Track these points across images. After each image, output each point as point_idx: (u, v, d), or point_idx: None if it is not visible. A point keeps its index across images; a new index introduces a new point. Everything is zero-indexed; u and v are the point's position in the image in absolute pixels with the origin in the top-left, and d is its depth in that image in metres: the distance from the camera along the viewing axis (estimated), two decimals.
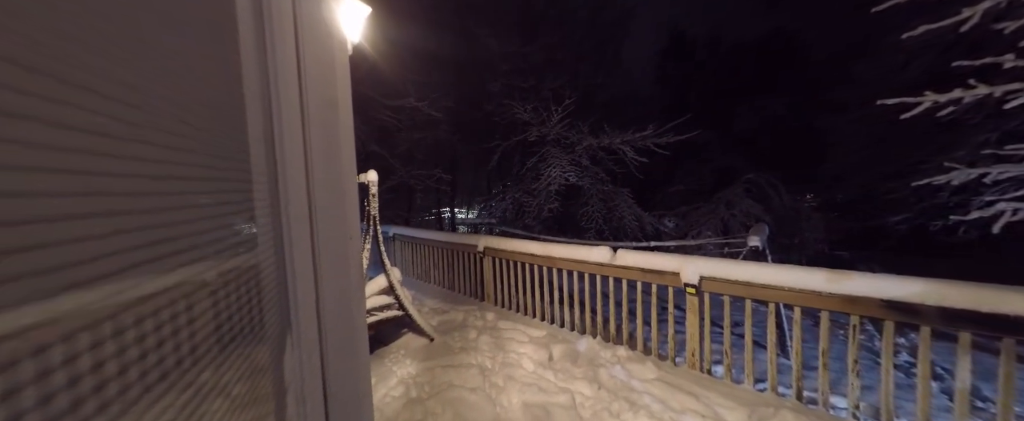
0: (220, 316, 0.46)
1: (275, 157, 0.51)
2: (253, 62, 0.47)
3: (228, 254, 0.49)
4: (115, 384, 0.32)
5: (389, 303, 2.85)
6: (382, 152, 9.27)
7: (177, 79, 0.43)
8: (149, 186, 0.37)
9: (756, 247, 3.99)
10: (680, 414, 1.90)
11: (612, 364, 2.38)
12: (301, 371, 0.50)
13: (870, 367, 3.64)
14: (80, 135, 0.29)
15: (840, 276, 1.73)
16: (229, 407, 0.44)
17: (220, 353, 0.45)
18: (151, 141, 0.37)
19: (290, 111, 0.56)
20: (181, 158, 0.41)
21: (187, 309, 0.41)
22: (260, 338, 0.54)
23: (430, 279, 4.59)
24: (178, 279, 0.40)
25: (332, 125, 0.64)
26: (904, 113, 2.75)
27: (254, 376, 0.48)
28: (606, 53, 12.17)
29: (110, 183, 0.32)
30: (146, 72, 0.37)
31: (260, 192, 0.56)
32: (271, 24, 0.48)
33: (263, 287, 0.56)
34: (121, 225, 0.33)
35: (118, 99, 0.33)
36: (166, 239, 0.39)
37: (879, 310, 1.63)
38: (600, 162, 8.87)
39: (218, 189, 0.48)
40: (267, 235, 0.59)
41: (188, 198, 0.43)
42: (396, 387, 2.22)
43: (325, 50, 0.59)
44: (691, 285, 2.23)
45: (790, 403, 1.94)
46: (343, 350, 0.59)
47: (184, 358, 0.40)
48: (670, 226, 9.96)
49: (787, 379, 2.45)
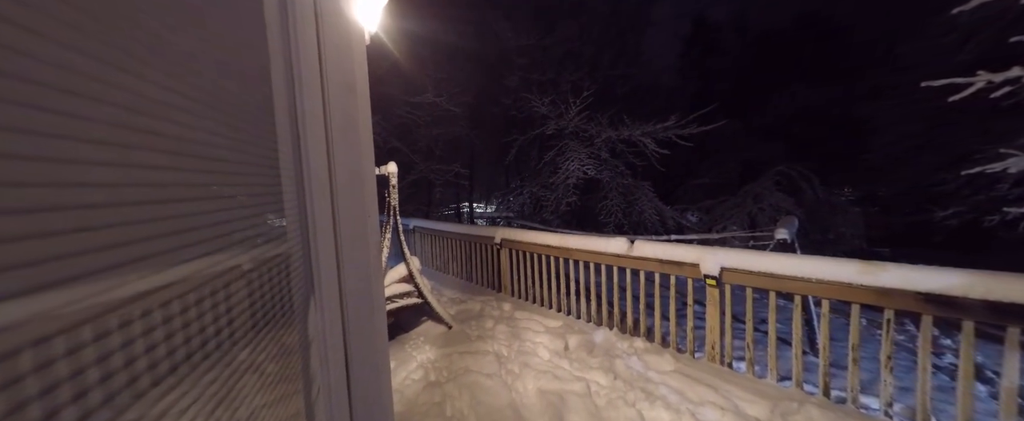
0: (264, 286, 0.50)
1: (298, 135, 0.55)
2: (278, 43, 0.52)
3: (265, 231, 0.54)
4: (198, 339, 0.36)
5: (409, 291, 2.94)
6: (402, 148, 9.50)
7: (215, 66, 0.47)
8: (195, 178, 0.41)
9: (784, 240, 3.81)
10: (698, 406, 1.87)
11: (629, 355, 2.37)
12: (324, 333, 0.55)
13: (907, 369, 3.42)
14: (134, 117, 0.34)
15: (873, 267, 1.64)
16: (269, 356, 0.49)
17: (264, 317, 0.50)
18: (195, 152, 0.42)
19: (312, 94, 0.60)
20: (217, 149, 0.46)
21: (248, 276, 0.46)
22: (289, 306, 0.59)
23: (449, 270, 4.69)
24: (231, 256, 0.45)
25: (351, 108, 0.67)
26: (952, 96, 2.54)
27: (285, 334, 0.53)
28: (626, 43, 11.84)
29: (151, 174, 0.37)
30: (190, 65, 0.42)
31: (286, 169, 0.60)
32: (294, 10, 0.52)
33: (292, 260, 0.61)
34: (182, 210, 0.38)
35: (174, 90, 0.38)
36: (218, 224, 0.43)
37: (916, 303, 1.54)
38: (620, 155, 8.70)
39: (251, 171, 0.53)
40: (293, 214, 0.63)
41: (232, 178, 0.47)
42: (416, 371, 2.31)
43: (343, 36, 0.63)
44: (711, 277, 2.18)
45: (816, 399, 1.87)
46: (362, 318, 0.63)
47: (245, 320, 0.45)
48: (693, 221, 9.67)
49: (814, 377, 2.35)
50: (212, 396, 0.37)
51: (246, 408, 0.42)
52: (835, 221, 8.88)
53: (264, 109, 0.53)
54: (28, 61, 0.23)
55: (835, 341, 2.03)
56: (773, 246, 4.01)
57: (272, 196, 0.57)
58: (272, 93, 0.52)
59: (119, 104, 0.31)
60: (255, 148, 0.54)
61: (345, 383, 0.58)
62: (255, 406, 0.44)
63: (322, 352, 0.55)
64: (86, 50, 0.28)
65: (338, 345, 0.57)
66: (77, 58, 0.27)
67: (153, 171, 0.36)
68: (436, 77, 8.89)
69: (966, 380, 1.49)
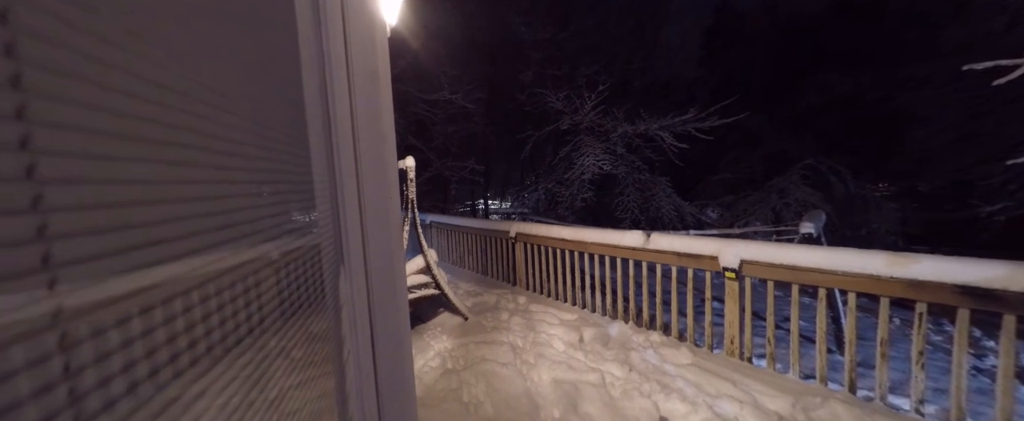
0: (307, 263, 0.56)
1: (329, 119, 0.60)
2: (310, 35, 0.56)
3: (303, 220, 0.59)
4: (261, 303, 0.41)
5: (426, 282, 3.02)
6: (419, 145, 9.66)
7: (255, 58, 0.52)
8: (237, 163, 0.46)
9: (810, 234, 3.66)
10: (715, 399, 1.85)
11: (644, 348, 2.36)
12: (353, 303, 0.60)
13: (942, 370, 3.24)
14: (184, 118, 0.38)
15: (904, 259, 1.57)
16: (314, 322, 0.54)
17: (311, 290, 0.55)
18: (240, 139, 0.46)
19: (339, 81, 0.64)
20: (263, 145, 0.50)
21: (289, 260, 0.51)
22: (322, 282, 0.64)
23: (464, 264, 4.76)
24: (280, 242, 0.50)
25: (374, 96, 0.71)
26: (997, 80, 2.37)
27: (319, 301, 0.58)
28: (644, 35, 11.56)
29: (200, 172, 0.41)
30: (235, 60, 0.46)
31: (317, 155, 0.65)
32: (324, 1, 0.56)
33: (324, 239, 0.66)
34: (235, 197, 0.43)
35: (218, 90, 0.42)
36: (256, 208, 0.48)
37: (951, 296, 1.47)
38: (637, 150, 8.54)
39: (285, 161, 0.57)
40: (325, 200, 0.68)
41: (269, 166, 0.52)
42: (433, 358, 2.38)
43: (367, 27, 0.67)
44: (730, 269, 2.14)
45: (841, 395, 1.81)
46: (385, 291, 0.68)
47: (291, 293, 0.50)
48: (713, 217, 9.39)
49: (839, 376, 2.25)
50: (282, 349, 0.47)
51: (303, 357, 0.50)
52: (868, 217, 8.42)
53: (297, 97, 0.57)
54: (100, 67, 0.27)
55: (863, 340, 1.96)
56: (798, 240, 3.86)
57: (306, 188, 0.62)
58: (302, 80, 0.56)
59: (172, 106, 0.35)
60: (289, 136, 0.58)
61: (370, 351, 0.63)
62: (307, 361, 0.51)
63: (351, 318, 0.60)
64: (139, 52, 0.31)
65: (364, 314, 0.62)
66: (137, 62, 0.30)
67: (215, 170, 0.41)
68: (451, 74, 8.98)
69: (1006, 379, 1.41)
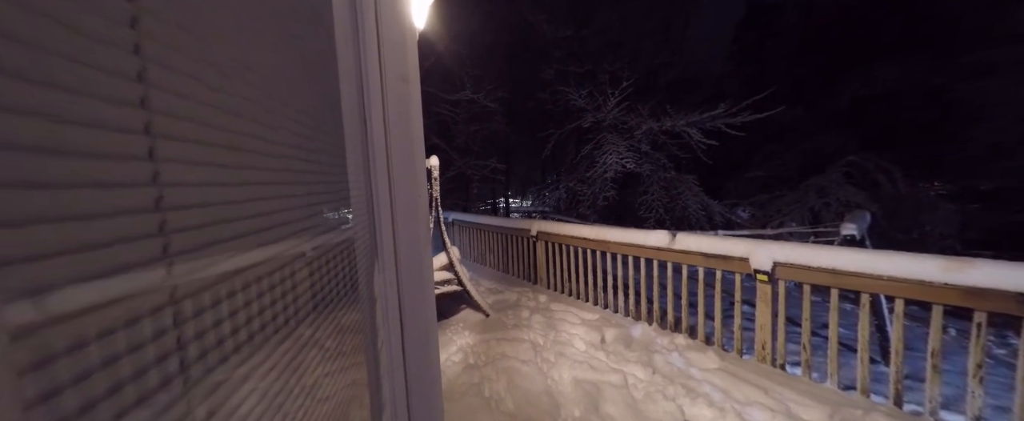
0: (347, 256, 0.60)
1: (364, 121, 0.63)
2: (349, 39, 0.60)
3: (340, 217, 0.64)
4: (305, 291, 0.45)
5: (449, 278, 3.09)
6: (442, 144, 9.85)
7: (304, 71, 0.56)
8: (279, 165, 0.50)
9: (851, 236, 3.42)
10: (745, 406, 1.78)
11: (669, 351, 2.31)
12: (385, 294, 0.64)
13: (1004, 387, 2.92)
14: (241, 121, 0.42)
15: (961, 264, 1.45)
16: (346, 308, 0.58)
17: (350, 281, 0.59)
18: (282, 140, 0.50)
19: (374, 86, 0.68)
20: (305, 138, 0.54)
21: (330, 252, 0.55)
22: (358, 275, 0.68)
23: (486, 262, 4.82)
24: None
25: (404, 96, 0.75)
26: None
27: (353, 293, 0.62)
28: (671, 29, 11.19)
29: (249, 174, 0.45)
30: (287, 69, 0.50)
31: (354, 155, 0.69)
32: (360, 7, 0.60)
33: (359, 234, 0.70)
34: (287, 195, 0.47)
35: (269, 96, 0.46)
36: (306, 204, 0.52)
37: (1016, 306, 1.34)
38: (662, 147, 8.30)
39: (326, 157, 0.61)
40: (360, 199, 0.72)
41: (313, 164, 0.56)
42: (455, 353, 2.44)
43: (398, 32, 0.70)
44: (763, 272, 2.04)
45: (885, 408, 1.69)
46: (413, 284, 0.71)
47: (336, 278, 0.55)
48: (744, 217, 8.97)
49: (883, 389, 2.09)
50: (335, 328, 0.51)
51: (348, 344, 0.56)
52: (920, 219, 7.74)
53: (335, 102, 0.61)
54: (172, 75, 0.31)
55: (911, 351, 1.81)
56: (839, 242, 3.62)
57: (342, 187, 0.66)
58: (340, 87, 0.60)
59: (237, 113, 0.39)
60: (330, 136, 0.63)
61: (400, 340, 0.67)
62: (349, 347, 0.56)
63: (384, 309, 0.64)
64: (204, 57, 0.35)
65: (395, 306, 0.66)
66: (203, 69, 0.35)
67: (273, 172, 0.46)
68: (473, 74, 9.08)
69: None
